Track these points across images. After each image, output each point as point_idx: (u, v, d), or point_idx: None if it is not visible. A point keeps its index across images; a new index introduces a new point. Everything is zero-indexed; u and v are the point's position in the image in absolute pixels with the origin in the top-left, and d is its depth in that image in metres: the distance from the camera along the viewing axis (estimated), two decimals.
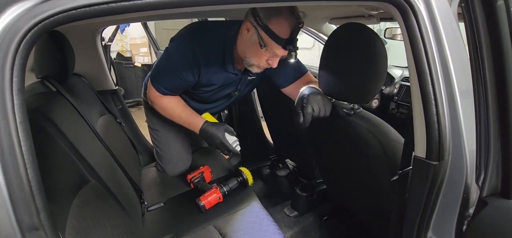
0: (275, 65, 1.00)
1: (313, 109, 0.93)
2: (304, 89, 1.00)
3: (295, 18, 0.92)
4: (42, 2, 0.36)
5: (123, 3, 0.38)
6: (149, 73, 1.37)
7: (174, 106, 1.17)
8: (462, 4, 0.50)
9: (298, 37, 0.97)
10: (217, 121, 1.18)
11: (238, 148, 1.14)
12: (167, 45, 1.12)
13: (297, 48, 0.96)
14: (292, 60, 0.99)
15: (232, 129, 1.15)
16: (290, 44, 0.93)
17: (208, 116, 1.18)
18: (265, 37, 0.93)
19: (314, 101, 0.94)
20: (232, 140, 1.13)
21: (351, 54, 0.85)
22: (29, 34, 0.36)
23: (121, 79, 4.05)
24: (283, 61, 1.15)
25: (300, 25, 0.93)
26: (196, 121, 1.16)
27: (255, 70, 1.04)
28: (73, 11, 0.37)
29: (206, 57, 1.05)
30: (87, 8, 0.37)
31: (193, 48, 1.03)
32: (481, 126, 0.54)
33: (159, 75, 1.13)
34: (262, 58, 0.99)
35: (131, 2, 0.38)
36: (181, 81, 1.08)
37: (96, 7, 0.38)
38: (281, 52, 0.96)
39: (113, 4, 0.38)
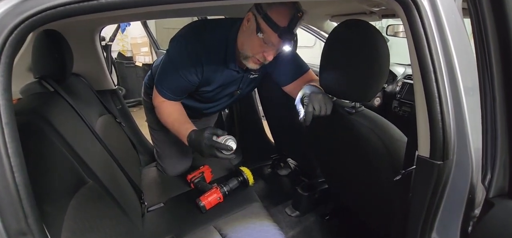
0: (270, 57, 0.98)
1: (313, 108, 0.91)
2: (305, 88, 0.98)
3: (295, 9, 0.91)
4: None
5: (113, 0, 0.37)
6: (149, 72, 1.36)
7: (170, 113, 1.13)
8: None
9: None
10: None
11: (233, 144, 0.97)
12: (168, 47, 1.10)
13: (294, 39, 0.94)
14: (288, 48, 0.96)
15: (220, 130, 1.01)
16: (287, 34, 0.91)
17: None
18: (263, 24, 0.92)
19: (315, 99, 0.92)
20: (223, 139, 0.98)
21: (352, 51, 0.83)
22: (16, 32, 0.34)
23: (122, 79, 4.05)
24: (284, 60, 1.14)
25: (299, 15, 0.92)
26: (183, 131, 1.06)
27: (251, 64, 1.02)
28: (61, 8, 0.35)
29: (207, 56, 1.03)
30: (76, 4, 0.36)
31: (194, 47, 1.02)
32: (487, 124, 0.52)
33: (162, 78, 1.10)
34: (257, 49, 0.97)
35: None
36: (184, 81, 1.06)
37: (86, 3, 0.36)
38: (277, 41, 0.94)
39: (103, 1, 0.37)
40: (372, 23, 1.13)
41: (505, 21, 0.44)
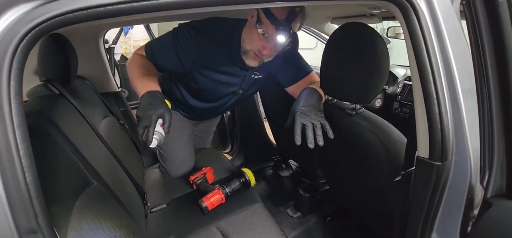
0: (266, 52, 1.00)
1: (303, 126, 0.92)
2: (300, 96, 0.99)
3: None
4: (39, 6, 0.36)
5: (119, 6, 0.38)
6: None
7: (147, 65, 1.07)
8: (464, 2, 0.49)
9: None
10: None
11: (154, 143, 0.87)
12: (177, 27, 1.09)
13: (292, 33, 0.96)
14: (282, 39, 0.96)
15: (169, 125, 0.91)
16: (283, 26, 0.93)
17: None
18: (263, 16, 0.95)
19: (301, 120, 0.93)
20: (158, 129, 0.89)
21: (352, 54, 0.85)
22: (27, 38, 0.36)
23: (125, 81, 4.05)
24: (287, 61, 1.16)
25: (297, 9, 0.94)
26: (154, 86, 0.98)
27: (249, 60, 1.04)
28: (70, 15, 0.37)
29: (211, 50, 1.06)
30: (84, 11, 0.37)
31: (201, 41, 1.04)
32: (485, 125, 0.53)
33: (158, 43, 1.11)
34: (256, 42, 0.99)
35: (127, 5, 0.38)
36: (173, 59, 1.07)
37: (93, 10, 0.38)
38: (273, 33, 0.95)
39: (110, 7, 0.38)
40: (374, 25, 1.15)
41: (499, 25, 0.45)
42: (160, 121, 0.89)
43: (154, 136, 0.87)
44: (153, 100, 0.92)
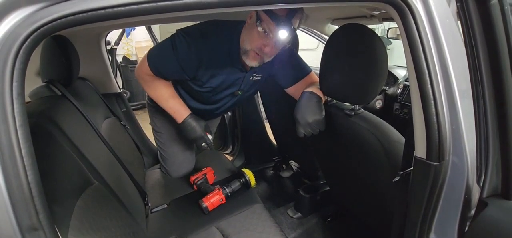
0: (267, 50, 1.00)
1: (304, 133, 1.00)
2: (298, 107, 1.01)
3: None
4: (41, 9, 0.37)
5: (119, 9, 0.39)
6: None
7: (163, 88, 1.19)
8: (458, 4, 0.50)
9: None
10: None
11: (212, 145, 1.27)
12: (174, 33, 1.08)
13: (293, 30, 0.96)
14: (284, 35, 0.96)
15: (210, 129, 1.27)
16: (284, 23, 0.93)
17: None
18: (263, 15, 0.94)
19: (303, 126, 0.99)
20: (210, 137, 1.24)
21: (350, 55, 0.85)
22: (29, 40, 0.37)
23: (127, 82, 4.09)
24: (286, 62, 1.16)
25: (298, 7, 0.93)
26: (182, 110, 1.21)
27: (250, 60, 1.04)
28: (71, 17, 0.38)
29: (211, 55, 1.06)
30: (85, 14, 0.38)
31: (198, 47, 1.04)
32: (480, 126, 0.53)
33: (159, 57, 1.12)
34: (257, 41, 0.99)
35: (127, 8, 0.39)
36: (177, 70, 1.09)
37: (94, 12, 0.39)
38: (275, 30, 0.95)
39: (110, 10, 0.39)
40: (375, 26, 1.14)
41: (491, 26, 0.45)
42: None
43: (212, 141, 1.26)
44: (193, 123, 1.20)
